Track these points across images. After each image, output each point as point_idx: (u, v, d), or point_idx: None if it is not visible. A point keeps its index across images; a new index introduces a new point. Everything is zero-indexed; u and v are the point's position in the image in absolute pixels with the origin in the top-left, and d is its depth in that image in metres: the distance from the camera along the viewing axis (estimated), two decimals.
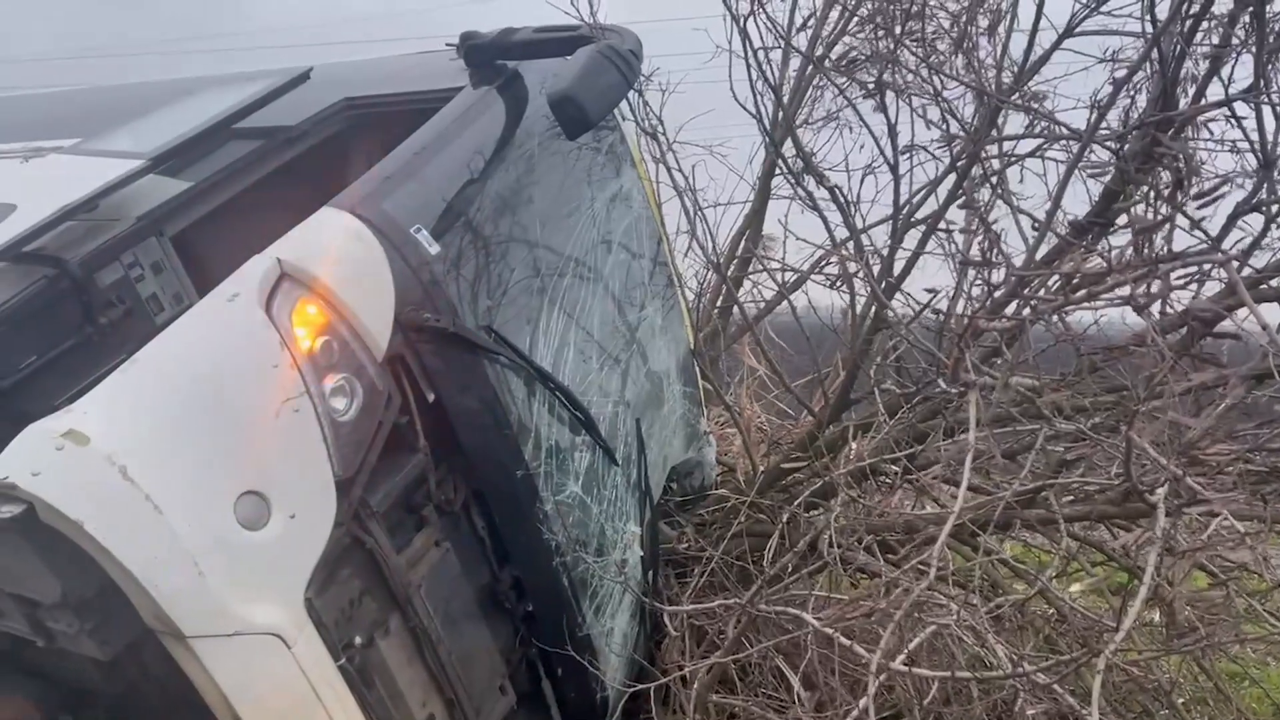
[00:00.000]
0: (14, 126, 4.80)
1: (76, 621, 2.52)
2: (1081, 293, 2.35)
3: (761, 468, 4.97)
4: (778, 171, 5.40)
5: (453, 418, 3.26)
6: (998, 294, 2.71)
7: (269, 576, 2.59)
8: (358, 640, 2.89)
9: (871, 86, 3.71)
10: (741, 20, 3.97)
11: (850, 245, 4.43)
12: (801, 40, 4.91)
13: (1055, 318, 2.37)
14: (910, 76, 3.66)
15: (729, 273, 5.63)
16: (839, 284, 4.53)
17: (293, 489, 2.64)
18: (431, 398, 3.18)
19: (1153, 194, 3.06)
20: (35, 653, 3.01)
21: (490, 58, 3.99)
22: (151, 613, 2.40)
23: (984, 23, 4.39)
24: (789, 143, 4.93)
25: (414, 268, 3.12)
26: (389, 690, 3.02)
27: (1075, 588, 3.60)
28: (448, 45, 4.30)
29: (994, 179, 3.39)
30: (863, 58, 3.66)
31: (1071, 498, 3.79)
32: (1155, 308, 2.14)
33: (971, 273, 2.79)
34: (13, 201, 3.33)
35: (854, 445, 4.27)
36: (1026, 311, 2.66)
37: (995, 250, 2.62)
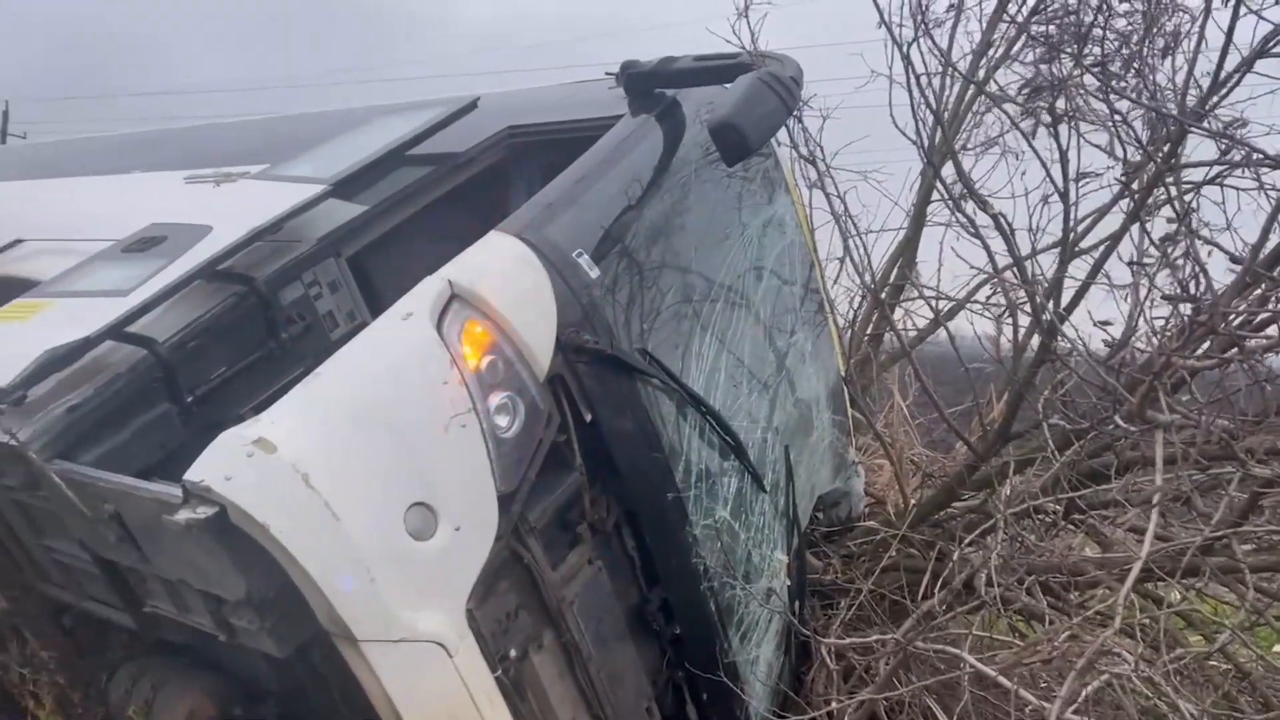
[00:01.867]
0: (205, 153, 5.17)
1: (257, 619, 2.66)
2: None
3: (913, 501, 4.83)
4: (934, 197, 5.29)
5: (608, 438, 3.31)
6: (1195, 330, 2.55)
7: (434, 586, 2.67)
8: (513, 653, 2.95)
9: (1044, 112, 3.59)
10: (905, 46, 3.91)
11: (1012, 273, 4.29)
12: (964, 66, 4.80)
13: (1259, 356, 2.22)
14: (1085, 101, 3.51)
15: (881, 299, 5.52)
16: (1003, 313, 4.39)
17: (458, 502, 2.73)
18: (588, 418, 3.23)
19: None
20: (214, 647, 3.20)
21: (649, 86, 4.05)
22: (326, 615, 2.51)
23: (1159, 43, 4.21)
24: (948, 169, 4.82)
25: (575, 291, 3.19)
26: (540, 704, 3.07)
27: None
28: (607, 74, 4.40)
29: (1180, 206, 3.21)
30: (1044, 84, 3.53)
31: (1253, 546, 3.54)
32: None
33: (1161, 305, 2.64)
34: (209, 223, 3.56)
35: (1012, 481, 4.11)
36: (1226, 348, 2.50)
37: (1196, 282, 2.48)
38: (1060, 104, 3.58)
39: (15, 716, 4.03)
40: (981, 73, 4.96)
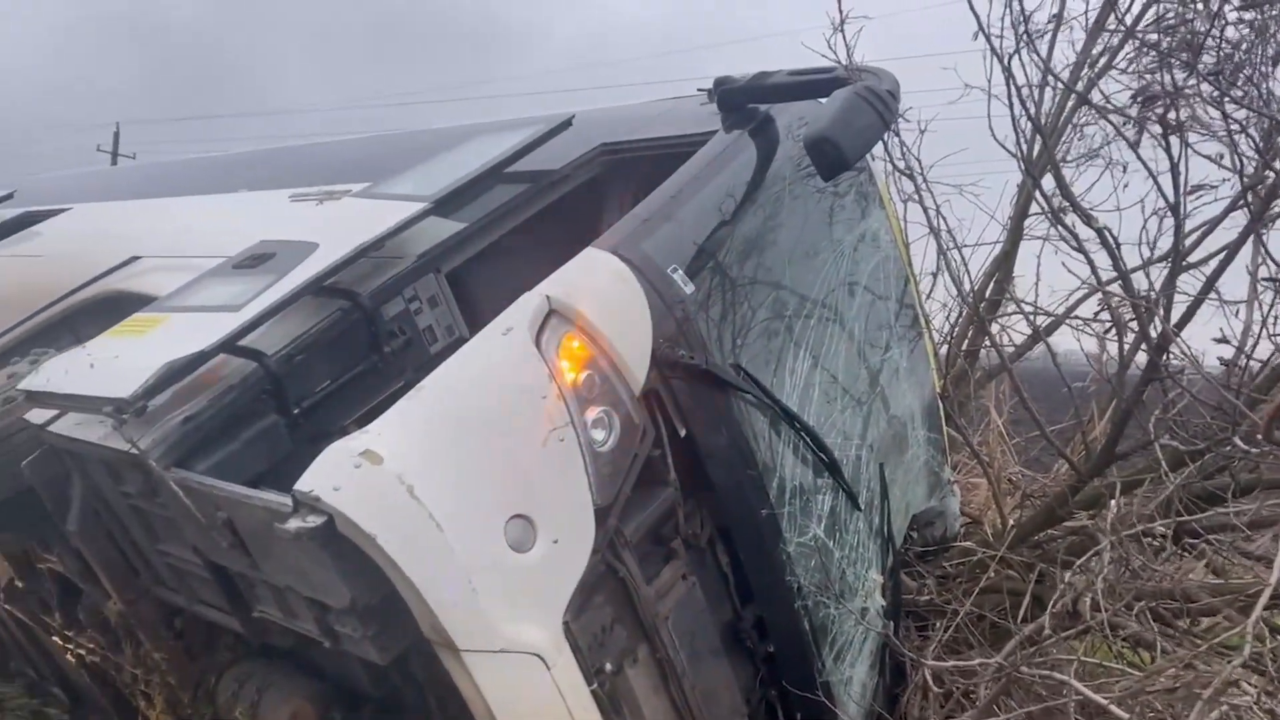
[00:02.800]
0: (308, 172, 5.33)
1: (361, 627, 2.71)
2: None
3: (1012, 521, 4.70)
4: (1033, 211, 5.17)
5: (702, 453, 3.30)
6: None
7: (532, 597, 2.70)
8: (608, 667, 2.96)
9: (1154, 123, 3.48)
10: (1006, 58, 3.83)
11: (1117, 288, 4.16)
12: (1063, 77, 4.68)
13: None
14: (1203, 110, 3.40)
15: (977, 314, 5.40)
16: (1109, 330, 4.26)
17: (556, 515, 2.76)
18: (683, 432, 3.24)
19: None
20: (315, 652, 3.28)
21: (743, 101, 4.05)
22: (429, 624, 2.56)
23: (1270, 50, 4.06)
24: (1047, 182, 4.70)
25: (670, 306, 3.21)
26: (635, 719, 3.07)
27: None
28: (699, 90, 4.40)
29: None
30: (1159, 94, 3.42)
31: None
32: None
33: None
34: (315, 240, 3.67)
35: (1118, 502, 3.97)
36: None
37: None
38: (1172, 114, 3.47)
39: (127, 715, 4.19)
40: (1082, 83, 4.84)
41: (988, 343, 5.54)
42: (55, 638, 4.57)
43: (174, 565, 3.40)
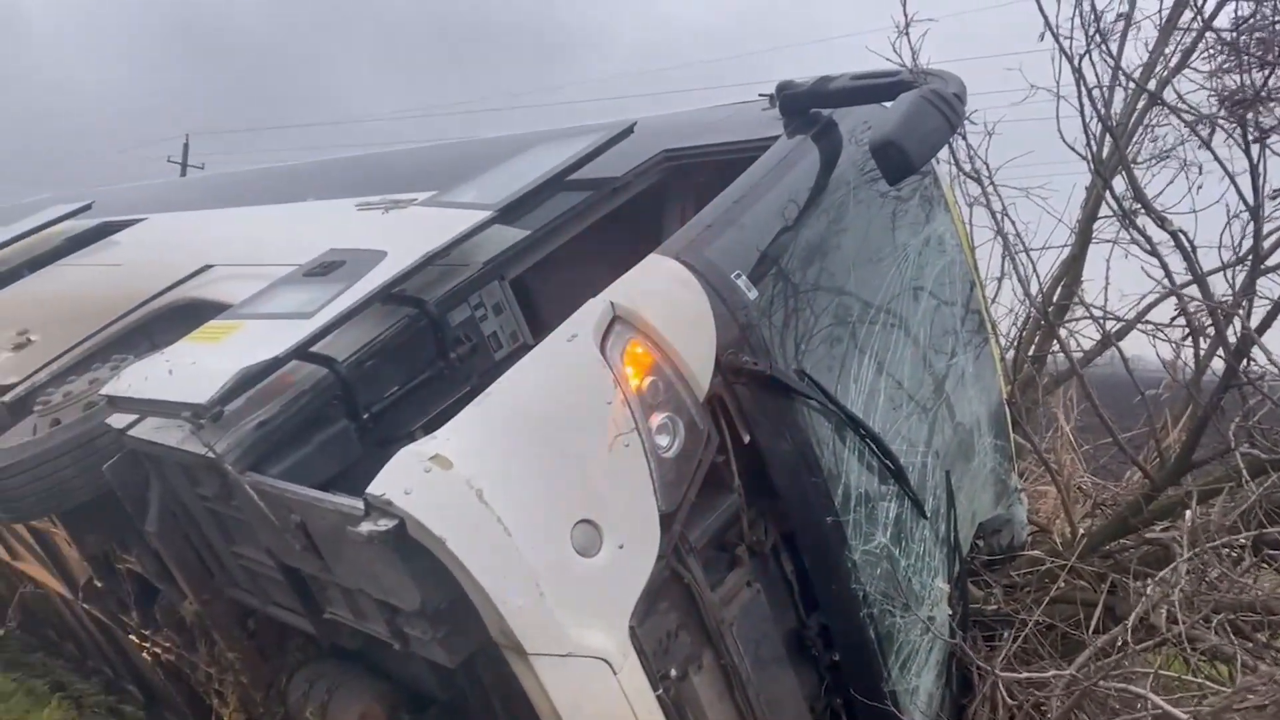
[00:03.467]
0: (373, 181, 5.42)
1: (430, 630, 2.74)
2: None
3: (1082, 530, 4.60)
4: (1103, 214, 5.06)
5: (766, 460, 3.29)
6: None
7: (598, 602, 2.72)
8: (673, 673, 2.96)
9: (1236, 127, 3.38)
10: (1077, 59, 3.76)
11: (1191, 292, 4.05)
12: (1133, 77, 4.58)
13: None
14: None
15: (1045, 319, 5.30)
16: (1185, 336, 4.15)
17: (622, 520, 2.77)
18: (747, 439, 3.23)
19: None
20: (382, 654, 3.33)
21: (805, 106, 4.03)
22: (498, 628, 2.58)
23: None
24: (1118, 184, 4.60)
25: (733, 312, 3.20)
26: None
27: None
28: (761, 95, 4.39)
29: None
30: (1249, 96, 3.31)
31: None
32: None
33: None
34: (383, 248, 3.73)
35: (1194, 512, 3.86)
36: None
37: None
38: (1258, 117, 3.37)
39: (201, 713, 4.30)
40: (1153, 82, 4.74)
41: (1056, 348, 5.44)
42: (132, 636, 4.71)
43: (248, 567, 3.47)
